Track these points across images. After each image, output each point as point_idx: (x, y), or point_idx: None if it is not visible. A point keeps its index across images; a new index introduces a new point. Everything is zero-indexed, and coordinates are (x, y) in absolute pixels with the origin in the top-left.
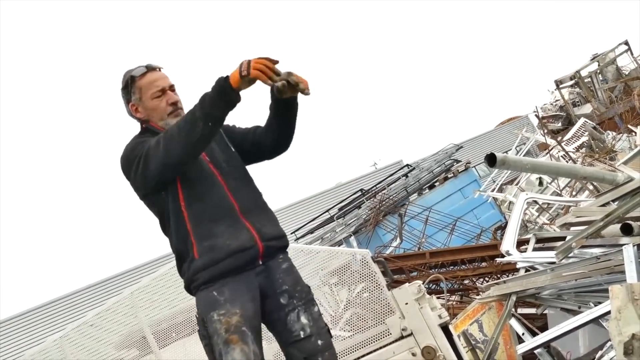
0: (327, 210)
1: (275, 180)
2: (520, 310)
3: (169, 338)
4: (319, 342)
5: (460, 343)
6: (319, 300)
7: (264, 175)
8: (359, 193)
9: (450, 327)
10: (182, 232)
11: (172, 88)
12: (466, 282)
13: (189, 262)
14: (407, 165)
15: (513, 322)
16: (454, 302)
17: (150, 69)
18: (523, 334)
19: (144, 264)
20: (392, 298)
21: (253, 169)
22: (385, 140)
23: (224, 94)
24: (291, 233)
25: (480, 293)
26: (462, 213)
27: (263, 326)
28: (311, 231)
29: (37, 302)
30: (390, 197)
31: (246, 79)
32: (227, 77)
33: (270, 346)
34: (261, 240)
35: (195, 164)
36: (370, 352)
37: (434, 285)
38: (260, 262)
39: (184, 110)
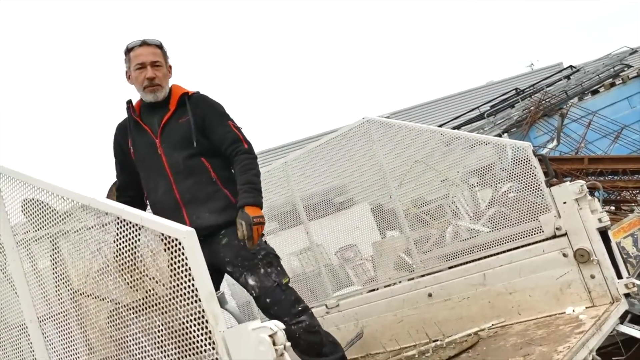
0: (477, 107)
1: (422, 75)
2: None
3: (311, 214)
4: (267, 300)
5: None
6: (476, 187)
7: (412, 69)
8: (513, 92)
9: (609, 234)
10: None
11: (153, 64)
12: (625, 193)
13: None
14: (571, 66)
15: None
16: (607, 214)
17: (143, 43)
18: None
19: (299, 140)
20: (550, 195)
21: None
22: (543, 41)
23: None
24: (439, 127)
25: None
26: (627, 123)
27: None
28: (458, 127)
29: None
30: (550, 98)
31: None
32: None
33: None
34: None
35: (152, 158)
36: (518, 247)
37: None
38: None
39: (162, 87)
